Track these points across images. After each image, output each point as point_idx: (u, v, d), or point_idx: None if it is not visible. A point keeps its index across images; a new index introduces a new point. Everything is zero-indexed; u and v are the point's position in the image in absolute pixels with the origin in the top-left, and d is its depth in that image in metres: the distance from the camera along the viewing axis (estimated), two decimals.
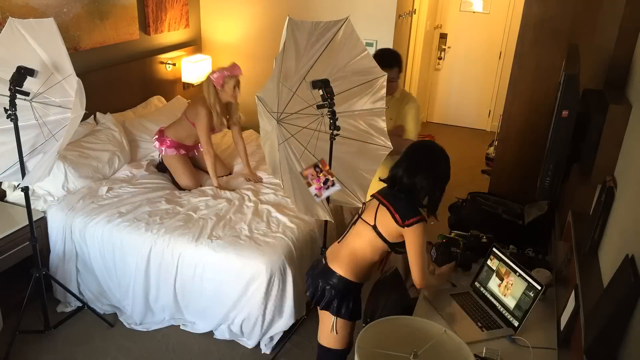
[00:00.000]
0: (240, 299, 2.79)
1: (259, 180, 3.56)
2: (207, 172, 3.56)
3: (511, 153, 3.11)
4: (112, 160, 3.47)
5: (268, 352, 2.86)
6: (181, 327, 3.00)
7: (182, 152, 3.55)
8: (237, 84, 3.39)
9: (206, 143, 3.42)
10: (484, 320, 2.06)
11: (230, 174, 3.73)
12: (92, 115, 3.70)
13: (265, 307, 2.76)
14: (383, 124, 2.79)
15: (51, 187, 3.15)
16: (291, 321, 2.83)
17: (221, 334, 2.92)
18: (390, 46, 4.45)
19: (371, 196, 2.17)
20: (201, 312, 2.91)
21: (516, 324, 2.00)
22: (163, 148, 3.49)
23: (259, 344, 2.87)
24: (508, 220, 2.70)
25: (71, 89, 2.64)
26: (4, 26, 2.63)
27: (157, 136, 3.54)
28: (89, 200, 3.11)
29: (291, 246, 2.86)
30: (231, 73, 3.34)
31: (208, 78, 3.36)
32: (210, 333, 2.96)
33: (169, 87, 4.56)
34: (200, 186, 3.49)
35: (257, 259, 2.73)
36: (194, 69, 4.60)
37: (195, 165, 3.66)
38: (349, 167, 2.82)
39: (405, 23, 4.81)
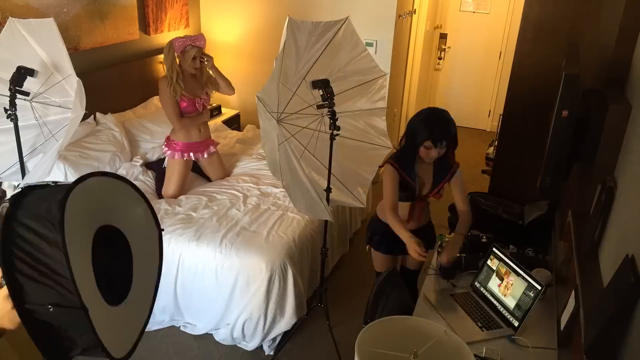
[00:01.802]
0: (241, 299, 2.79)
1: None
2: (207, 180, 3.57)
3: (511, 153, 3.11)
4: (113, 161, 3.47)
5: (271, 352, 2.86)
6: (181, 328, 2.99)
7: (189, 156, 3.41)
8: (200, 56, 3.24)
9: (175, 120, 3.26)
10: (484, 320, 2.06)
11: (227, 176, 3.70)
12: (92, 115, 3.70)
13: (267, 307, 2.76)
14: (383, 124, 2.78)
15: None
16: (293, 321, 2.83)
17: (222, 338, 2.91)
18: (390, 46, 4.45)
19: None
20: (201, 312, 2.91)
21: (516, 324, 2.00)
22: (169, 151, 3.38)
23: (260, 345, 2.87)
24: (508, 220, 2.70)
25: (71, 89, 2.64)
26: (4, 26, 2.64)
27: (165, 143, 3.44)
28: None
29: (292, 245, 2.85)
30: (193, 43, 3.21)
31: (169, 42, 3.21)
32: (211, 333, 2.96)
33: None
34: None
35: (257, 258, 2.73)
36: None
37: (196, 171, 3.62)
38: (349, 167, 2.82)
39: (405, 23, 4.81)
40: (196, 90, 3.33)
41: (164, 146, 3.45)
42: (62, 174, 3.15)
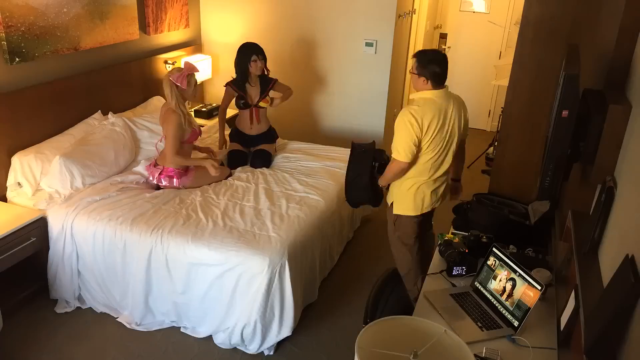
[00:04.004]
0: (240, 303, 2.79)
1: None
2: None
3: (511, 153, 3.11)
4: (118, 160, 3.48)
5: (271, 353, 2.86)
6: (182, 330, 2.99)
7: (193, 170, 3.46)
8: (196, 82, 3.41)
9: (172, 152, 3.29)
10: (484, 320, 2.06)
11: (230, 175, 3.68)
12: (95, 114, 3.70)
13: (265, 311, 2.74)
14: None
15: (59, 185, 3.16)
16: (292, 326, 2.81)
17: (221, 342, 2.90)
18: (390, 46, 4.45)
19: None
20: (201, 314, 2.91)
21: (516, 324, 2.00)
22: (175, 180, 3.38)
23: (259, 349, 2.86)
24: (515, 221, 2.69)
25: None
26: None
27: (159, 172, 3.39)
28: (90, 199, 3.11)
29: (292, 247, 2.85)
30: (191, 71, 3.31)
31: (168, 80, 3.26)
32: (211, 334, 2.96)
33: None
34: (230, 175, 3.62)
35: (257, 261, 2.72)
36: None
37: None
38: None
39: (405, 23, 4.81)
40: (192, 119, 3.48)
41: (159, 176, 3.39)
42: (68, 173, 3.16)
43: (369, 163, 2.81)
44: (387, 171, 2.75)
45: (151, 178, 3.44)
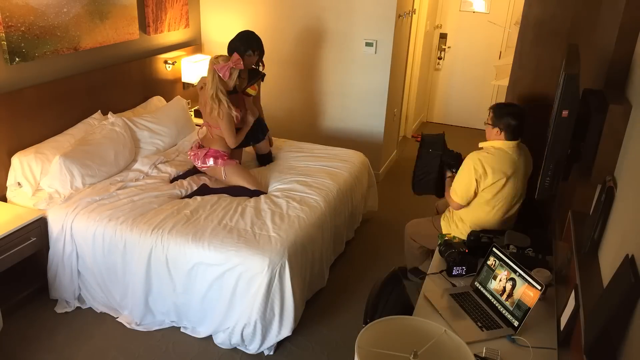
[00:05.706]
0: (240, 303, 2.78)
1: None
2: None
3: None
4: (117, 160, 3.48)
5: (271, 353, 2.86)
6: (182, 330, 2.99)
7: (237, 160, 3.59)
8: (238, 76, 3.45)
9: (231, 137, 3.42)
10: (484, 320, 2.06)
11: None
12: (95, 114, 3.70)
13: (266, 311, 2.74)
14: None
15: (59, 185, 3.16)
16: (292, 326, 2.81)
17: (221, 342, 2.90)
18: (390, 46, 4.46)
19: None
20: (201, 314, 2.91)
21: (516, 324, 2.00)
22: (220, 161, 3.46)
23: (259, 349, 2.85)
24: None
25: None
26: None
27: (205, 154, 3.49)
28: (90, 199, 3.11)
29: (292, 246, 2.85)
30: (236, 65, 3.36)
31: (211, 67, 3.36)
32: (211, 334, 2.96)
33: (169, 87, 4.57)
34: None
35: (257, 261, 2.72)
36: (194, 69, 4.60)
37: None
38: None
39: (405, 23, 4.81)
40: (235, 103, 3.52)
41: (204, 157, 3.49)
42: (68, 173, 3.16)
43: (436, 163, 2.98)
44: (446, 197, 2.94)
45: (197, 161, 3.51)
